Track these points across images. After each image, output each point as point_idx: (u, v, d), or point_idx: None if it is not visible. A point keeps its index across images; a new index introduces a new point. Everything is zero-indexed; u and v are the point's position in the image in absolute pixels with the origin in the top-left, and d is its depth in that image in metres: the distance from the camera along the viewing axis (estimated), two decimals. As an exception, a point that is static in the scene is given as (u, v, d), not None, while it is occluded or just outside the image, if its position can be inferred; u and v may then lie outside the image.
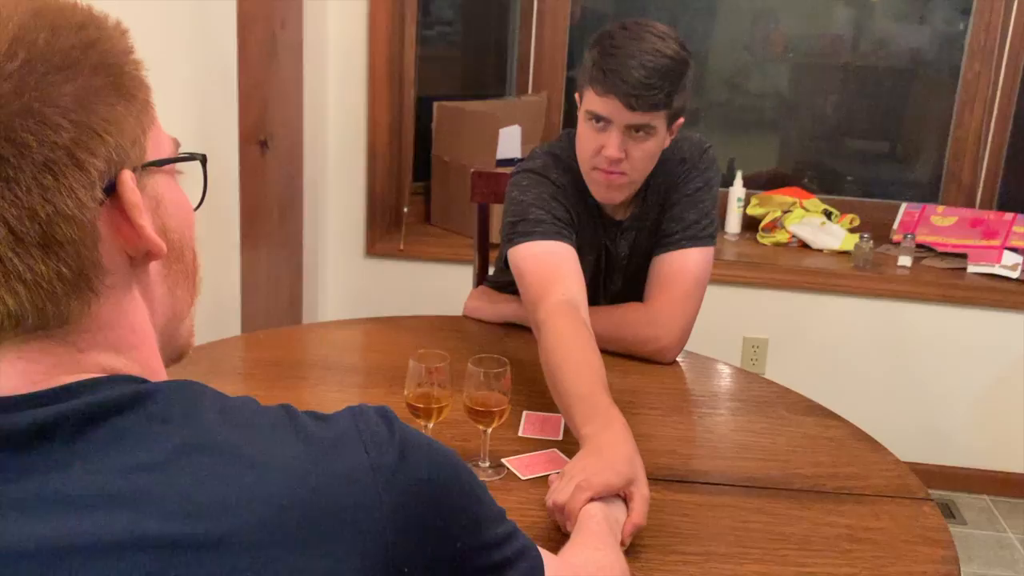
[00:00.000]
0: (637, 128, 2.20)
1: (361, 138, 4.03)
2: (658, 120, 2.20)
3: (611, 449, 1.68)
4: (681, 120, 2.30)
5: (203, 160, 1.05)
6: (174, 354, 1.06)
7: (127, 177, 0.91)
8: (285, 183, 3.55)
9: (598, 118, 2.22)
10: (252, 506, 0.84)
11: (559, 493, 1.60)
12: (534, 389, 2.13)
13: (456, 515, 0.97)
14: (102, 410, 0.87)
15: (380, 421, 0.95)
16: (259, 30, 3.16)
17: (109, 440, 0.86)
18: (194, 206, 1.05)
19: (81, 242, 0.88)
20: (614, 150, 2.21)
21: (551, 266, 2.24)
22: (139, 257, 0.95)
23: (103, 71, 0.90)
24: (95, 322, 0.92)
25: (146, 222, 0.93)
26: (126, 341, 0.95)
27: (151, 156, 0.96)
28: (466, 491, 0.99)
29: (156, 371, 0.98)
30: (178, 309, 1.03)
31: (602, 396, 1.83)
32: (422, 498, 0.92)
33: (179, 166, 1.01)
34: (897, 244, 4.10)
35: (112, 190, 0.90)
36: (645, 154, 2.25)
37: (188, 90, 2.87)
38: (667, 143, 2.31)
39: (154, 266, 0.98)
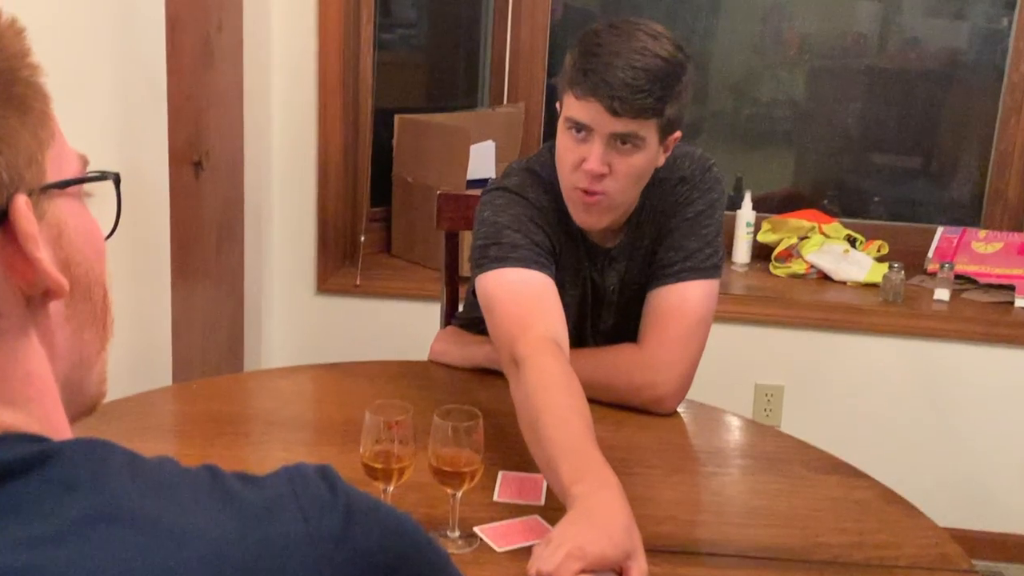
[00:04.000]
0: (623, 139, 2.20)
1: (311, 157, 4.03)
2: (647, 130, 2.20)
3: (606, 515, 1.67)
4: (678, 134, 2.30)
5: (116, 179, 1.03)
6: (83, 406, 1.05)
7: (21, 203, 0.89)
8: (223, 209, 3.55)
9: (578, 126, 2.22)
10: None
11: (545, 561, 1.58)
12: (511, 446, 2.13)
13: None
14: None
15: (321, 482, 0.94)
16: (191, 33, 3.17)
17: (1, 510, 0.84)
18: (106, 234, 1.03)
19: None
20: (595, 163, 2.20)
21: (529, 297, 2.24)
22: (37, 296, 0.93)
23: None
24: None
25: (44, 255, 0.91)
26: (21, 393, 0.93)
27: (51, 177, 0.94)
28: (425, 562, 0.98)
29: (58, 427, 0.96)
30: (86, 355, 1.01)
31: (594, 451, 1.83)
32: (372, 572, 0.91)
33: (90, 188, 1.00)
34: (933, 275, 4.10)
35: (3, 218, 0.88)
36: (631, 170, 2.24)
37: (109, 103, 2.86)
38: (661, 161, 2.31)
39: (55, 306, 0.96)
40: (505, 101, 4.39)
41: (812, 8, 4.38)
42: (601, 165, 2.21)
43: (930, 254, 4.21)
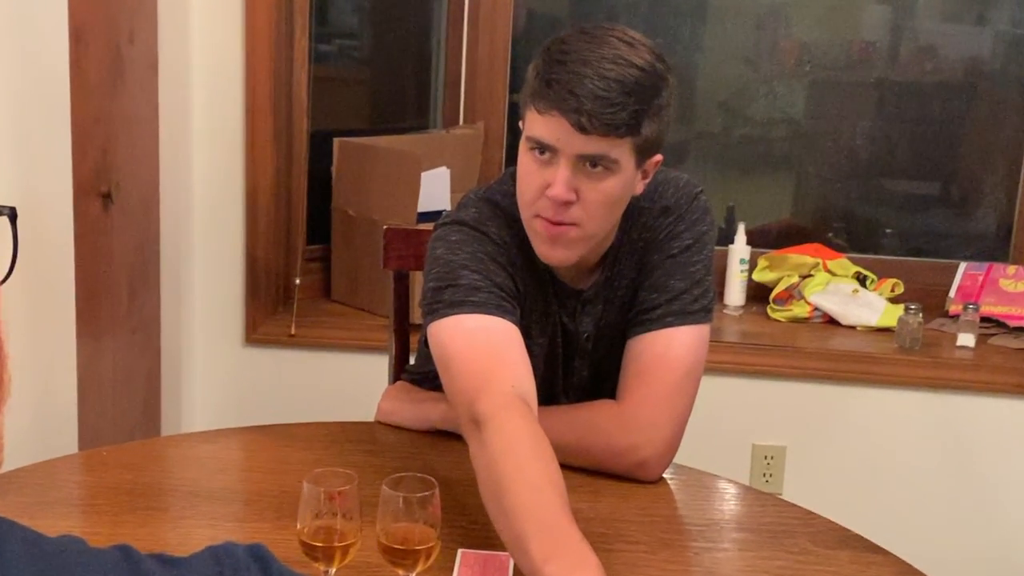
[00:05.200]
0: (593, 161, 2.18)
1: (237, 187, 4.04)
2: (620, 151, 2.17)
3: (584, 599, 1.67)
4: (658, 157, 2.30)
5: (11, 215, 1.04)
6: None
7: None
8: (137, 248, 3.54)
9: (541, 146, 2.19)
10: None
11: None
12: (472, 519, 2.13)
13: None
14: None
15: (252, 564, 0.94)
16: (99, 45, 3.17)
17: None
18: (0, 278, 1.04)
19: None
20: (560, 188, 2.17)
21: (491, 348, 2.23)
22: None
23: None
24: None
25: None
26: None
27: None
28: None
29: None
30: None
31: (570, 526, 1.82)
32: None
33: None
34: (955, 317, 4.13)
35: None
36: (603, 198, 2.22)
37: (3, 126, 2.86)
38: (639, 188, 2.31)
39: None
40: (461, 122, 4.40)
41: (813, 13, 4.41)
42: (567, 191, 2.18)
43: (952, 294, 4.23)
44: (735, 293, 4.21)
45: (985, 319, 4.10)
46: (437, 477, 1.84)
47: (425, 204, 3.91)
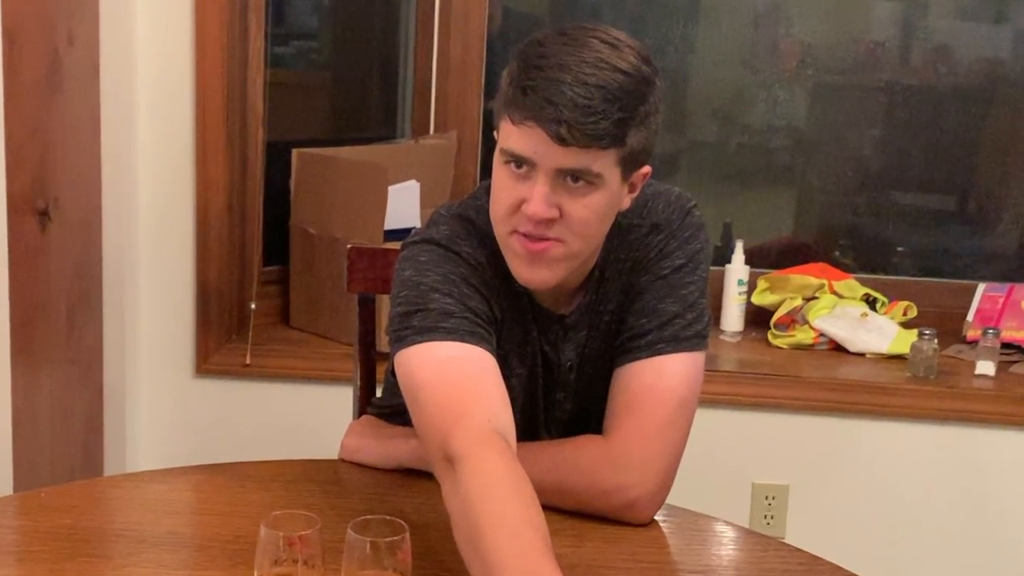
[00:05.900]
0: (574, 175, 2.16)
1: (187, 203, 4.03)
2: (604, 163, 2.15)
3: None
4: (646, 169, 2.29)
5: None
6: None
7: None
8: (77, 271, 3.54)
9: (517, 160, 2.17)
10: None
11: None
12: (445, 566, 2.13)
13: None
14: None
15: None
16: (34, 48, 3.17)
17: None
18: None
19: None
20: (539, 204, 2.15)
21: (466, 377, 2.22)
22: None
23: None
24: None
25: None
26: None
27: None
28: None
29: None
30: None
31: (553, 573, 1.82)
32: None
33: None
34: (973, 343, 4.14)
35: None
36: (588, 214, 2.20)
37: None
38: (626, 203, 2.31)
39: None
40: (431, 131, 4.40)
41: (816, 11, 4.41)
42: (547, 208, 2.16)
43: (969, 318, 4.23)
44: (733, 318, 4.22)
45: (1006, 345, 4.10)
46: (407, 520, 1.84)
47: (392, 221, 3.90)
